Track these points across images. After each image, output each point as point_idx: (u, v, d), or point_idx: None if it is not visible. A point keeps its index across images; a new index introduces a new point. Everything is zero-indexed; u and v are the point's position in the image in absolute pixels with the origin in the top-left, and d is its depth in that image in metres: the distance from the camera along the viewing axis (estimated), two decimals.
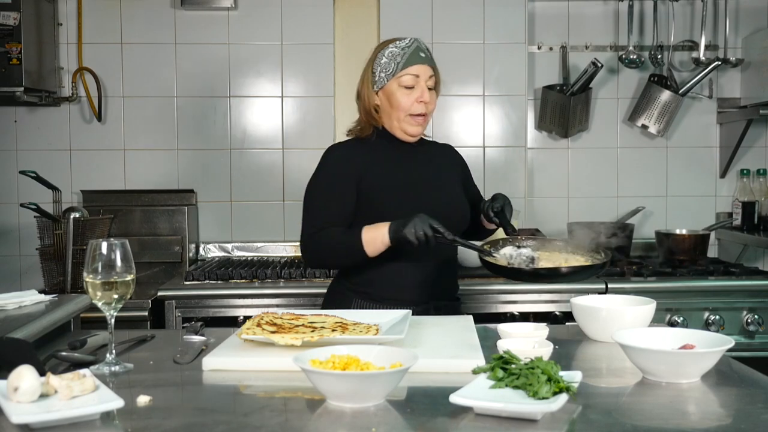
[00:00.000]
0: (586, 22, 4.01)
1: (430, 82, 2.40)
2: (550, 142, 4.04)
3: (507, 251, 2.24)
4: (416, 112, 2.38)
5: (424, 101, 2.37)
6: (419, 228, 2.14)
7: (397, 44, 2.40)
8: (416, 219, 2.16)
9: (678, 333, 1.73)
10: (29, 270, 3.77)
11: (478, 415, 1.36)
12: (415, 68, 2.37)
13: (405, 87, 2.37)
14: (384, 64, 2.39)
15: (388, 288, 2.36)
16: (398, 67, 2.37)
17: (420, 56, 2.38)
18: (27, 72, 3.43)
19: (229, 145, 3.89)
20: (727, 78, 4.04)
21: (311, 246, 2.36)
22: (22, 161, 3.79)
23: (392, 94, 2.38)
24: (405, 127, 2.40)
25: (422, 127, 2.42)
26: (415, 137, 2.44)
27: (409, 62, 2.37)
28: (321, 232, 2.34)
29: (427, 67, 2.39)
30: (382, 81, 2.39)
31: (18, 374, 1.36)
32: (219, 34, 3.85)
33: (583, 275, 2.20)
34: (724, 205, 4.07)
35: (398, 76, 2.37)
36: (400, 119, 2.39)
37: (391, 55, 2.38)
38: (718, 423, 1.38)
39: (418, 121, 2.39)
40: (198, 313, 3.12)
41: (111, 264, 1.67)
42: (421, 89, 2.37)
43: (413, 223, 2.16)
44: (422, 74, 2.38)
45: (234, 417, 1.40)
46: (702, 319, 3.23)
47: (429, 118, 2.44)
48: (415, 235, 2.14)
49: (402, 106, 2.37)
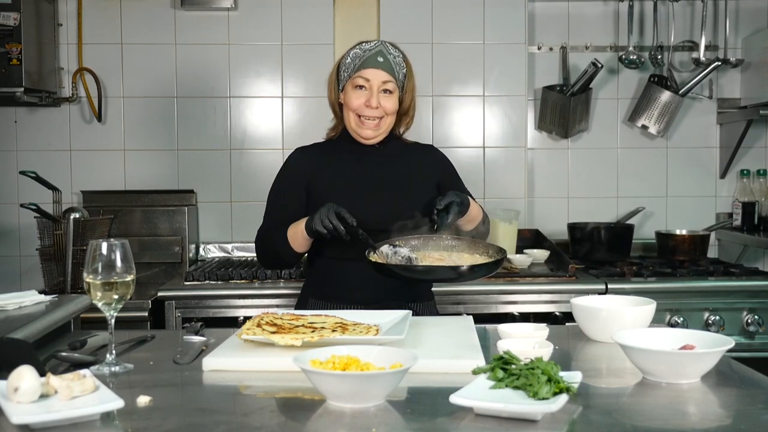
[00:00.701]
0: (586, 23, 4.01)
1: (385, 86, 2.39)
2: (550, 143, 4.04)
3: (384, 249, 2.21)
4: (364, 114, 2.40)
5: (370, 105, 2.38)
6: (324, 217, 2.18)
7: (362, 46, 2.43)
8: (322, 209, 2.20)
9: (678, 333, 1.73)
10: (29, 270, 3.77)
11: (478, 416, 1.36)
12: (368, 72, 2.39)
13: (357, 87, 2.40)
14: (347, 64, 2.44)
15: (339, 287, 2.40)
16: (354, 68, 2.41)
17: (377, 61, 2.39)
18: (27, 72, 3.43)
19: (229, 146, 3.89)
20: (727, 78, 4.04)
21: (257, 246, 2.49)
22: (23, 161, 3.79)
23: (346, 94, 2.43)
24: (355, 129, 2.43)
25: (373, 130, 2.42)
26: (369, 139, 2.45)
27: (364, 65, 2.39)
28: (265, 233, 2.46)
29: (380, 71, 2.39)
30: (343, 81, 2.45)
31: (18, 374, 1.37)
32: (219, 34, 3.86)
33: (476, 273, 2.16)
34: (724, 206, 4.07)
35: (353, 78, 2.41)
36: (351, 120, 2.43)
37: (354, 56, 2.43)
38: (718, 423, 1.38)
39: (368, 124, 2.41)
40: (198, 314, 3.12)
41: (111, 264, 1.67)
42: (370, 93, 2.38)
43: (319, 214, 2.20)
44: (374, 78, 2.38)
45: (234, 417, 1.40)
46: (702, 320, 3.23)
47: (386, 121, 2.43)
48: (323, 225, 2.18)
49: (352, 106, 2.41)
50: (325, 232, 2.18)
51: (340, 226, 2.17)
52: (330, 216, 2.18)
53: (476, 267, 2.14)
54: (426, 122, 3.89)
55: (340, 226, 2.17)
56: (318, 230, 2.19)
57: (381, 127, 2.43)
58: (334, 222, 2.17)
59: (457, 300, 3.17)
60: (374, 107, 2.38)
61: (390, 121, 2.45)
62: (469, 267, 2.13)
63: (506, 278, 3.26)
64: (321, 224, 2.18)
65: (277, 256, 2.43)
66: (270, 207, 2.51)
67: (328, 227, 2.18)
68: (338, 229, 2.17)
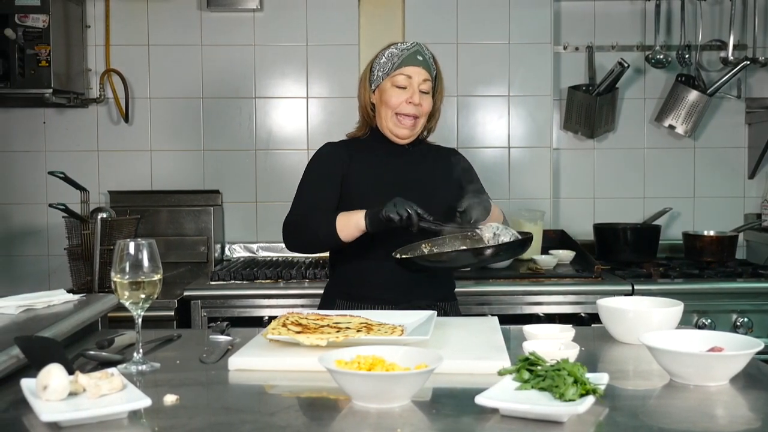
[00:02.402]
0: (613, 22, 3.98)
1: (424, 86, 2.41)
2: (576, 143, 4.02)
3: (487, 232, 2.22)
4: (404, 112, 2.40)
5: (413, 102, 2.39)
6: (401, 207, 2.16)
7: (398, 46, 2.45)
8: (396, 199, 2.19)
9: (706, 335, 1.71)
10: (58, 270, 3.81)
11: (503, 417, 1.35)
12: (409, 69, 2.40)
13: (397, 87, 2.40)
14: (382, 63, 2.44)
15: (368, 288, 2.40)
16: (393, 66, 2.41)
17: (417, 59, 2.41)
18: (56, 74, 3.47)
19: (255, 146, 3.91)
20: (756, 78, 3.99)
21: (289, 228, 2.41)
22: (51, 162, 3.83)
23: (384, 92, 2.42)
24: (392, 128, 2.43)
25: (409, 130, 2.43)
26: (403, 139, 2.45)
27: (405, 63, 2.40)
28: (304, 217, 2.39)
29: (421, 69, 2.41)
30: (378, 79, 2.45)
31: (47, 373, 1.38)
32: (245, 35, 3.87)
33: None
34: (752, 207, 4.02)
35: (392, 76, 2.41)
36: (388, 118, 2.42)
37: (390, 55, 2.43)
38: (746, 427, 1.37)
39: (405, 123, 2.41)
40: (223, 313, 3.13)
41: (138, 264, 1.68)
42: (412, 90, 2.39)
43: (393, 202, 2.18)
44: (415, 76, 2.40)
45: (260, 417, 1.41)
46: (730, 322, 3.19)
47: (420, 122, 2.44)
48: (397, 212, 2.15)
49: (391, 104, 2.40)
50: (398, 219, 2.15)
51: (415, 216, 2.15)
52: (406, 205, 2.16)
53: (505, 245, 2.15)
54: (451, 122, 3.88)
55: (415, 216, 2.15)
56: (391, 216, 2.16)
57: (416, 126, 2.44)
58: (410, 211, 2.15)
59: (482, 301, 3.16)
60: (417, 104, 2.39)
61: (424, 121, 2.46)
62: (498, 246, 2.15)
63: (531, 279, 3.25)
64: (395, 211, 2.15)
65: (316, 241, 2.36)
66: (304, 195, 2.45)
67: (403, 215, 2.15)
68: (413, 219, 2.15)
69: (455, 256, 2.20)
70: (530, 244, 2.24)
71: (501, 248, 2.15)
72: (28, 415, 1.37)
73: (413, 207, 2.17)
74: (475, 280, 3.20)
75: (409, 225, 2.17)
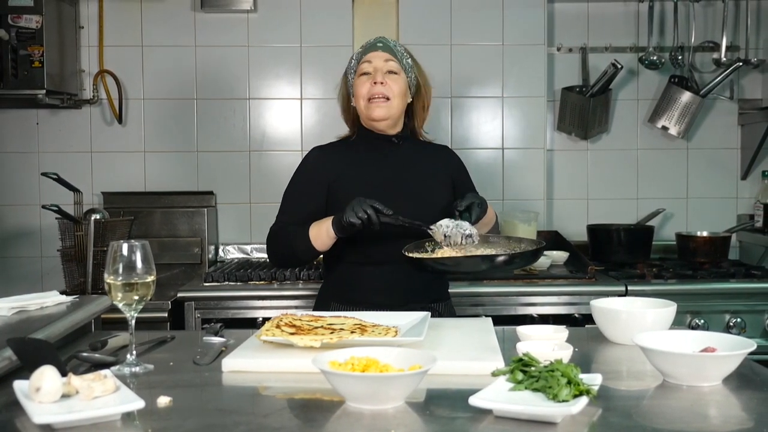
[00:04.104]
0: (606, 23, 3.99)
1: (387, 66, 2.43)
2: (570, 144, 4.03)
3: (444, 222, 2.21)
4: (373, 95, 2.40)
5: (378, 82, 2.40)
6: (358, 209, 2.17)
7: (362, 46, 2.50)
8: (354, 202, 2.20)
9: (699, 336, 1.72)
10: (51, 271, 3.80)
11: (497, 418, 1.35)
12: (369, 55, 2.45)
13: (363, 75, 2.44)
14: (352, 65, 2.50)
15: (361, 291, 2.40)
16: (358, 61, 2.46)
17: (377, 46, 2.46)
18: (49, 75, 3.46)
19: (249, 147, 3.90)
20: (748, 79, 4.01)
21: (270, 243, 2.45)
22: (44, 163, 3.82)
23: (355, 87, 2.46)
24: (368, 113, 2.43)
25: (384, 109, 2.42)
26: (382, 121, 2.44)
27: (365, 52, 2.46)
28: (281, 230, 2.42)
29: (381, 53, 2.44)
30: (350, 81, 2.49)
31: (40, 374, 1.38)
32: (238, 36, 3.87)
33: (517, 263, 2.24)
34: (745, 207, 4.03)
35: (358, 71, 2.45)
36: (362, 107, 2.44)
37: (356, 55, 2.50)
38: (739, 427, 1.37)
39: (377, 103, 2.41)
40: (217, 315, 3.13)
41: (132, 265, 1.67)
42: (375, 73, 2.42)
43: (351, 206, 2.19)
44: (375, 60, 2.43)
45: (253, 418, 1.41)
46: (723, 322, 3.20)
47: (395, 103, 2.43)
48: (357, 216, 2.17)
49: (361, 93, 2.42)
50: (359, 222, 2.17)
51: (374, 215, 2.16)
52: (364, 206, 2.17)
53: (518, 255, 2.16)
54: (445, 123, 3.88)
55: (374, 215, 2.16)
56: (351, 221, 2.17)
57: (391, 108, 2.42)
58: (369, 211, 2.16)
59: (476, 302, 3.17)
60: (382, 83, 2.40)
61: (398, 104, 2.44)
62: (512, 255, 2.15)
63: (525, 280, 3.25)
64: (355, 215, 2.17)
65: (294, 254, 2.39)
66: (287, 205, 2.49)
67: (362, 217, 2.16)
68: (372, 218, 2.16)
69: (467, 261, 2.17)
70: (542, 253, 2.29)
71: (515, 257, 2.16)
72: (21, 417, 1.37)
73: (371, 205, 2.18)
74: (469, 281, 3.20)
75: (370, 225, 2.18)
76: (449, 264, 2.19)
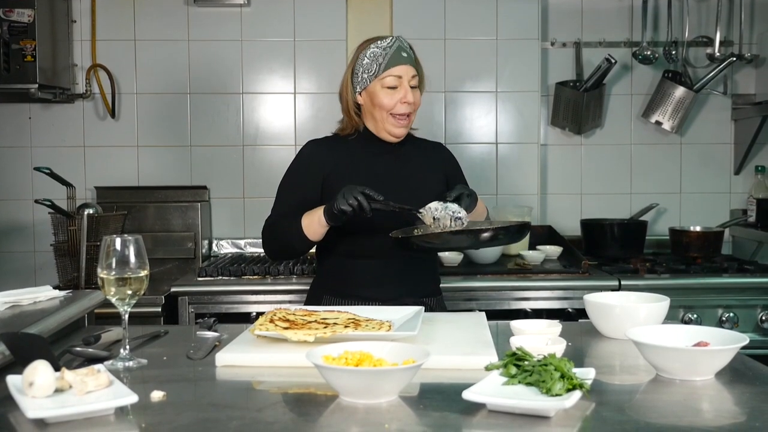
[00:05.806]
0: (600, 18, 3.99)
1: (413, 82, 2.40)
2: (564, 139, 4.03)
3: (433, 205, 2.21)
4: (399, 112, 2.39)
5: (408, 101, 2.38)
6: (349, 195, 2.16)
7: (378, 44, 2.40)
8: (344, 189, 2.19)
9: (692, 330, 1.72)
10: (44, 266, 3.79)
11: (491, 412, 1.36)
12: (397, 69, 2.37)
13: (388, 87, 2.38)
14: (366, 64, 2.40)
15: (353, 285, 2.40)
16: (380, 68, 2.37)
17: (402, 56, 2.38)
18: (41, 69, 3.45)
19: (242, 142, 3.90)
20: (742, 74, 4.01)
21: (265, 235, 2.46)
22: (37, 158, 3.80)
23: (375, 95, 2.39)
24: (388, 128, 2.42)
25: (405, 128, 2.43)
26: (399, 138, 2.45)
27: (392, 63, 2.37)
28: (275, 222, 2.43)
29: (409, 67, 2.39)
30: (364, 82, 2.41)
31: (33, 369, 1.37)
32: (231, 30, 3.86)
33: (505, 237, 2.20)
34: (738, 202, 4.05)
35: (381, 78, 2.38)
36: (384, 119, 2.40)
37: (373, 55, 2.39)
38: (732, 421, 1.38)
39: (401, 122, 2.41)
40: (211, 309, 3.13)
41: (125, 260, 1.67)
42: (404, 90, 2.38)
43: (342, 193, 2.18)
44: (405, 75, 2.38)
45: (247, 413, 1.41)
46: (716, 317, 3.21)
47: (413, 117, 2.45)
48: (347, 203, 2.16)
49: (385, 106, 2.38)
50: (350, 209, 2.16)
51: (365, 202, 2.15)
52: (354, 192, 2.16)
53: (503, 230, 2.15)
54: (438, 118, 3.88)
55: (365, 202, 2.15)
56: (342, 209, 2.16)
57: (410, 123, 2.45)
58: (359, 197, 2.15)
59: (470, 296, 3.17)
60: (410, 102, 2.38)
61: (414, 116, 2.46)
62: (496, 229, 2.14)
63: (519, 274, 3.26)
64: (346, 202, 2.16)
65: (289, 245, 2.38)
66: (282, 197, 2.48)
67: (353, 204, 2.15)
68: (363, 205, 2.15)
69: (452, 237, 2.17)
70: (528, 230, 2.27)
71: (499, 232, 2.14)
72: (14, 412, 1.37)
73: (362, 191, 2.17)
74: (463, 275, 3.21)
75: (361, 211, 2.17)
76: (435, 241, 2.19)
